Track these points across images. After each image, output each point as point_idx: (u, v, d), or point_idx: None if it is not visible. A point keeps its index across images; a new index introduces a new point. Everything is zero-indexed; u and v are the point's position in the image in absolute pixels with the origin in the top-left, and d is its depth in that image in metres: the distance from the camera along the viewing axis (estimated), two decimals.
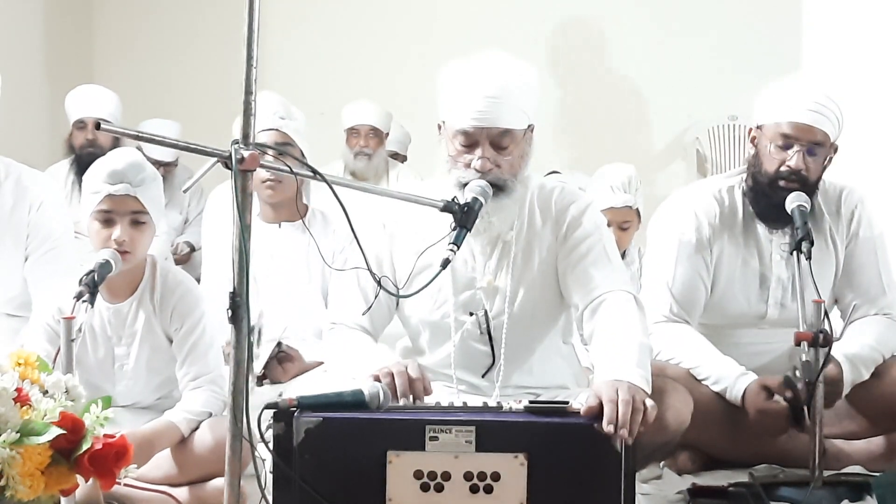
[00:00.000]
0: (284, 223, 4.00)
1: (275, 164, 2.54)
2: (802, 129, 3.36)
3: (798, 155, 3.36)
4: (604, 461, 2.45)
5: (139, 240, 3.15)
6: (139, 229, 3.14)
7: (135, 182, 3.12)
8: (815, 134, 3.36)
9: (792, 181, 3.36)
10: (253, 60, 2.25)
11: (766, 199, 3.43)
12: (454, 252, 2.66)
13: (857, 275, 3.55)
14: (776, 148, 3.39)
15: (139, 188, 3.12)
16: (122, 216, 3.12)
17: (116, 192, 3.11)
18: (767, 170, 3.41)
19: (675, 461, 3.45)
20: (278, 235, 3.98)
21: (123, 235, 3.10)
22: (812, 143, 3.36)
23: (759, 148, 3.45)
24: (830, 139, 3.38)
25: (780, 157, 3.39)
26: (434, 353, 3.08)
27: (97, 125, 2.34)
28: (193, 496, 3.10)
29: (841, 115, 3.37)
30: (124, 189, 3.11)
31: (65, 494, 2.40)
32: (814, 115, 3.35)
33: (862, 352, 3.39)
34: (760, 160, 3.44)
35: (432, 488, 2.46)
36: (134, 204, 3.13)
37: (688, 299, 3.50)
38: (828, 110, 3.35)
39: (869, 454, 3.49)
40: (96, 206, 3.13)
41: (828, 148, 3.40)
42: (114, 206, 3.12)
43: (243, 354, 2.28)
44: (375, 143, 6.49)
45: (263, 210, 4.02)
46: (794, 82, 3.47)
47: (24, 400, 2.27)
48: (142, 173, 3.14)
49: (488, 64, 2.91)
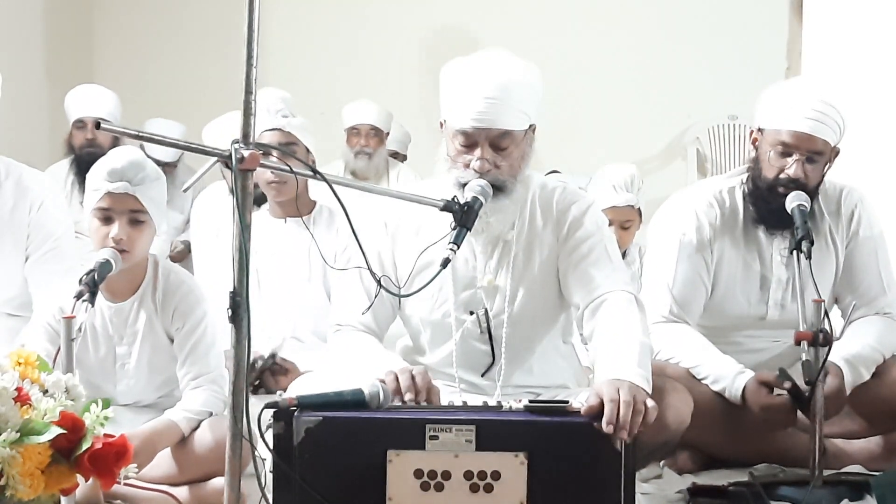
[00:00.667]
0: (290, 219, 3.99)
1: (276, 163, 2.54)
2: (802, 139, 3.35)
3: (797, 164, 3.36)
4: (604, 460, 2.46)
5: (137, 239, 3.15)
6: (138, 228, 3.14)
7: (134, 181, 3.12)
8: (814, 143, 3.35)
9: (791, 188, 3.36)
10: (253, 60, 2.25)
11: (766, 204, 3.43)
12: (454, 251, 2.66)
13: (857, 274, 3.55)
14: (776, 155, 3.39)
15: (138, 187, 3.12)
16: (120, 214, 3.12)
17: (115, 189, 3.11)
18: (767, 176, 3.41)
19: (676, 460, 3.45)
20: (282, 231, 3.98)
21: (121, 234, 3.11)
22: (811, 151, 3.36)
23: (760, 152, 3.45)
24: (831, 145, 3.38)
25: (779, 164, 3.39)
26: (435, 353, 3.08)
27: (97, 124, 2.34)
28: (193, 496, 3.09)
29: (842, 120, 3.36)
30: (123, 187, 3.11)
31: (65, 494, 2.40)
32: (813, 123, 3.33)
33: (862, 352, 3.39)
34: (760, 165, 3.44)
35: (432, 487, 2.46)
36: (133, 203, 3.13)
37: (688, 300, 3.50)
38: (828, 118, 3.33)
39: (869, 453, 3.48)
40: (96, 203, 3.14)
41: (828, 154, 3.40)
42: (112, 204, 3.13)
43: (243, 353, 2.28)
44: (376, 143, 6.49)
45: (272, 206, 4.02)
46: (795, 87, 3.46)
47: (25, 399, 2.27)
48: (141, 172, 3.14)
49: (489, 64, 2.91)
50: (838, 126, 3.36)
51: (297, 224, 3.95)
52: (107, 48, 8.18)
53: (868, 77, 4.85)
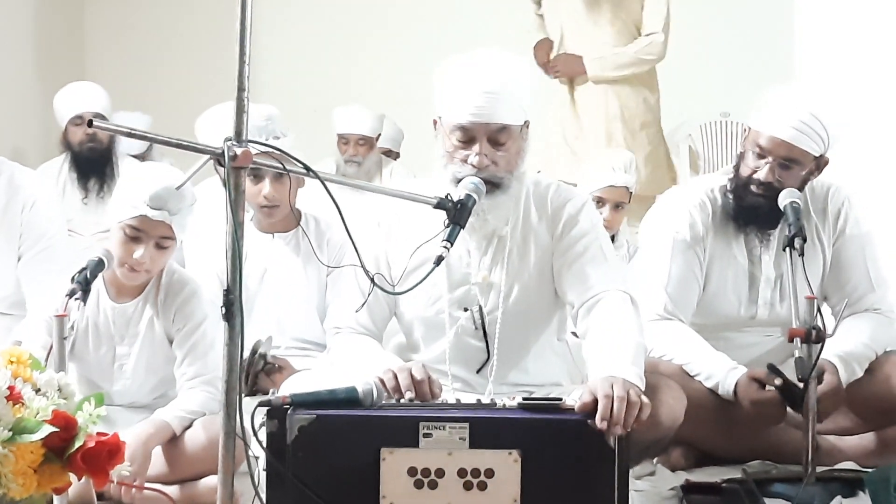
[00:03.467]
0: (278, 234, 3.92)
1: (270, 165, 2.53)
2: (777, 144, 3.36)
3: (768, 167, 3.37)
4: (597, 458, 2.46)
5: (159, 260, 3.17)
6: (162, 252, 3.15)
7: (173, 210, 3.10)
8: (791, 150, 3.36)
9: (761, 190, 3.38)
10: (245, 57, 2.24)
11: (738, 201, 3.46)
12: (447, 249, 2.65)
13: (845, 272, 3.56)
14: (752, 156, 3.42)
15: (175, 216, 3.11)
16: (149, 238, 3.11)
17: (154, 216, 3.09)
18: (742, 174, 3.45)
19: (669, 457, 3.45)
20: (271, 248, 3.90)
21: (146, 257, 3.11)
22: (786, 158, 3.37)
23: (745, 149, 3.47)
24: (812, 155, 3.38)
25: (754, 165, 3.41)
26: (429, 349, 3.08)
27: (89, 122, 2.33)
28: (185, 494, 3.08)
29: (827, 133, 3.34)
30: (161, 216, 3.09)
31: (57, 493, 2.40)
32: (793, 132, 3.33)
33: (856, 349, 3.39)
34: (740, 163, 3.47)
35: (426, 485, 2.46)
36: (165, 230, 3.12)
37: (681, 297, 3.50)
38: (810, 129, 3.33)
39: (862, 450, 3.49)
40: (127, 220, 3.11)
41: (807, 164, 3.39)
42: (145, 227, 3.11)
43: (236, 351, 2.28)
44: (365, 151, 6.53)
45: (258, 219, 3.91)
46: (788, 94, 3.43)
47: (17, 398, 2.26)
48: (182, 202, 3.12)
49: (485, 60, 2.91)
50: (821, 138, 3.35)
51: (285, 241, 3.90)
52: (98, 45, 8.16)
53: (861, 75, 4.86)
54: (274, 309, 3.86)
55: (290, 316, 3.89)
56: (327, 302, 3.86)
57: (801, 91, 3.45)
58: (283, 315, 3.88)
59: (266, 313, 3.84)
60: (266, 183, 3.75)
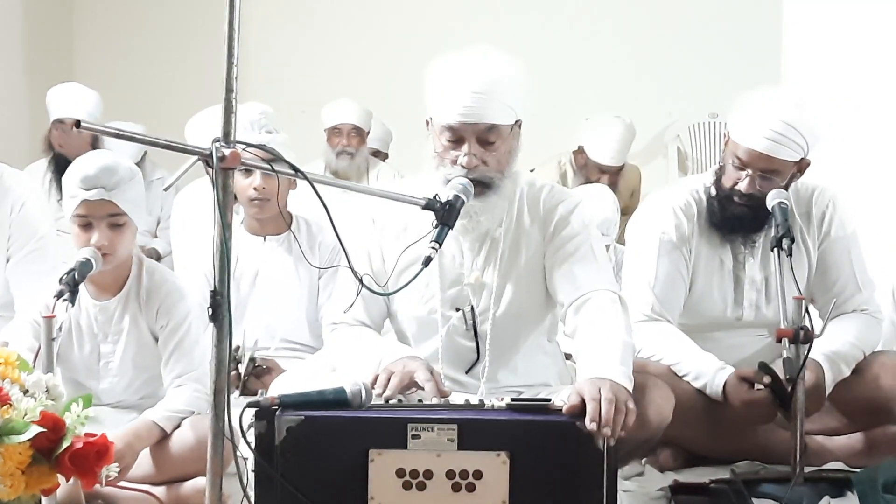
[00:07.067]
0: (269, 237, 3.92)
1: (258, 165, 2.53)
2: (756, 157, 3.36)
3: (749, 179, 3.39)
4: (586, 459, 2.46)
5: (119, 241, 3.15)
6: (118, 232, 3.14)
7: (109, 186, 3.10)
8: (770, 162, 3.36)
9: (744, 201, 3.40)
10: (234, 58, 2.24)
11: (723, 211, 3.48)
12: (436, 250, 2.65)
13: (831, 274, 3.56)
14: (732, 167, 3.43)
15: (114, 191, 3.11)
16: (99, 220, 3.12)
17: (91, 197, 3.10)
18: (724, 185, 3.46)
19: (657, 458, 3.46)
20: (262, 251, 3.90)
21: (102, 240, 3.11)
22: (765, 171, 3.37)
23: (725, 161, 3.47)
24: (791, 162, 3.38)
25: (735, 176, 3.43)
26: (420, 348, 3.07)
27: (77, 124, 2.32)
28: (172, 495, 3.08)
29: (804, 137, 3.33)
30: (98, 194, 3.10)
31: (46, 494, 2.39)
32: (770, 143, 3.33)
33: (842, 349, 3.40)
34: (722, 172, 3.48)
35: (414, 487, 2.46)
36: (110, 207, 3.12)
37: (669, 298, 3.51)
38: (786, 138, 3.32)
39: (850, 450, 3.50)
40: (74, 210, 3.13)
41: (787, 171, 3.40)
42: (90, 210, 3.12)
43: (224, 353, 2.27)
44: (357, 142, 6.48)
45: (249, 222, 3.94)
46: (761, 101, 3.39)
47: (4, 399, 2.26)
48: (115, 176, 3.12)
49: (475, 59, 2.91)
50: (799, 144, 3.34)
51: (277, 243, 3.91)
52: (87, 46, 8.15)
53: (847, 74, 4.87)
54: (264, 311, 3.86)
55: (281, 318, 3.90)
56: (319, 304, 3.87)
57: (774, 97, 3.40)
58: (274, 317, 3.89)
59: (257, 316, 3.84)
60: (257, 175, 3.76)
